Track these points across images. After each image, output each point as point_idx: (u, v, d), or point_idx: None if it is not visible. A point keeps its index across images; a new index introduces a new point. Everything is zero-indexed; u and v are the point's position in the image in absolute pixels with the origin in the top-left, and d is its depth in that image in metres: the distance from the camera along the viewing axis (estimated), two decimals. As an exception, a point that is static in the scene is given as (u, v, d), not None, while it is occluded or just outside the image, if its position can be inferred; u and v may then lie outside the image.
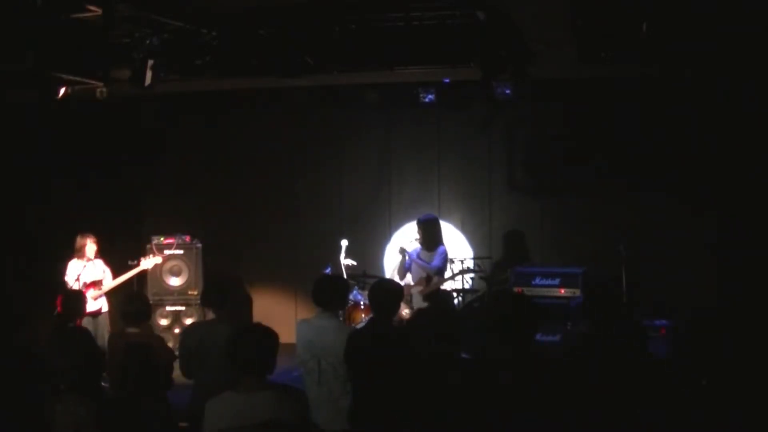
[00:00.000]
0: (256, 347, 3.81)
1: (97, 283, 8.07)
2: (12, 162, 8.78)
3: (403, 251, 7.92)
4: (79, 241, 8.13)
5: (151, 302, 9.18)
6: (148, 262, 8.62)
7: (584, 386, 4.24)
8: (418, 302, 7.76)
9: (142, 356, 4.34)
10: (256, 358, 3.78)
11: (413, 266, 7.93)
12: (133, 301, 5.58)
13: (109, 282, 8.19)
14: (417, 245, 8.05)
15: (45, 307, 8.08)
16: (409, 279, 7.94)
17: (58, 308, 7.84)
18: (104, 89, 7.10)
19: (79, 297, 6.46)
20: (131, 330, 5.38)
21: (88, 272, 8.08)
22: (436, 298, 7.85)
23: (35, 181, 9.01)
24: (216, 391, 3.94)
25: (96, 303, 8.00)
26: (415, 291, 7.87)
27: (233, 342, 3.85)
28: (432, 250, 7.82)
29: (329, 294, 5.14)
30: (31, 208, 8.99)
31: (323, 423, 4.92)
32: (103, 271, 8.18)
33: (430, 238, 7.79)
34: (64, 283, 8.03)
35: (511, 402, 4.10)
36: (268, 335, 3.87)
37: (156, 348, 5.14)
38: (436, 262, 7.82)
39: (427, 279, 7.83)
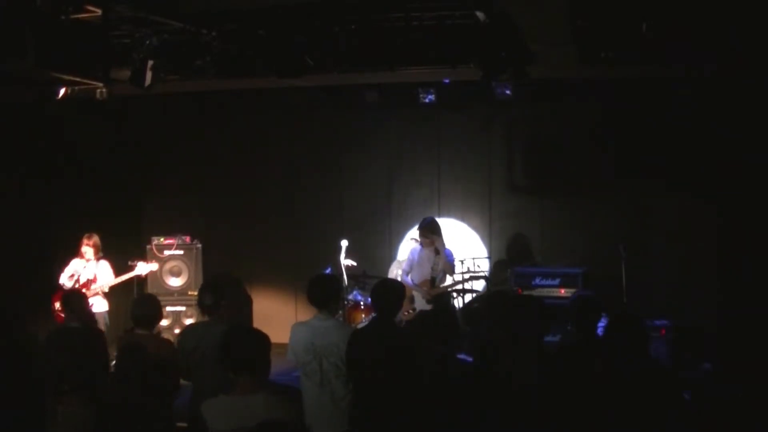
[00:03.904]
0: (247, 347, 3.82)
1: (87, 283, 8.07)
2: (11, 162, 8.77)
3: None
4: (82, 241, 8.17)
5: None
6: (143, 268, 8.61)
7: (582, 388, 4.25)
8: (421, 303, 7.77)
9: (146, 358, 4.34)
10: (246, 357, 3.79)
11: (417, 266, 7.95)
12: (146, 304, 5.58)
13: (104, 282, 8.17)
14: (416, 244, 8.08)
15: (45, 307, 8.11)
16: (408, 279, 7.94)
17: (53, 308, 7.92)
18: (104, 89, 7.09)
19: (77, 297, 6.44)
20: (141, 332, 5.39)
21: (85, 272, 8.10)
22: (442, 300, 7.90)
23: (35, 180, 9.01)
24: (214, 392, 3.94)
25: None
26: (416, 292, 7.86)
27: (224, 343, 3.87)
28: (440, 252, 7.86)
29: (328, 293, 5.13)
30: (31, 208, 8.99)
31: (326, 425, 4.91)
32: (95, 273, 8.17)
33: (440, 240, 7.89)
34: (59, 283, 8.06)
35: (513, 402, 4.10)
36: (259, 336, 3.90)
37: (163, 351, 5.15)
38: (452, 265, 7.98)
39: (432, 281, 7.84)
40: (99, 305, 8.18)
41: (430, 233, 7.81)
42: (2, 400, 4.76)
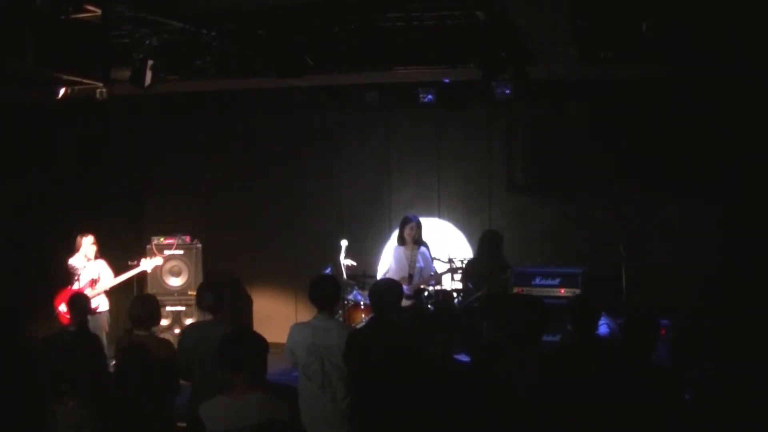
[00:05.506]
0: (245, 347, 3.84)
1: (92, 282, 8.11)
2: (12, 162, 8.78)
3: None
4: (78, 241, 8.19)
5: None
6: (148, 263, 8.66)
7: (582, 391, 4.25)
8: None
9: (145, 358, 4.35)
10: (244, 357, 3.81)
11: (395, 264, 8.04)
12: (145, 304, 5.58)
13: (107, 281, 8.22)
14: (395, 246, 8.21)
15: (45, 307, 8.11)
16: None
17: (57, 309, 7.94)
18: (104, 89, 7.10)
19: (82, 297, 6.45)
20: (140, 332, 5.39)
21: (86, 272, 8.14)
22: (419, 297, 7.99)
23: (35, 180, 9.02)
24: (213, 392, 3.95)
25: (93, 301, 8.03)
26: None
27: (223, 342, 3.89)
28: (416, 249, 8.00)
29: (328, 293, 5.14)
30: (31, 208, 9.00)
31: (326, 426, 4.90)
32: (99, 272, 8.21)
33: (420, 237, 8.02)
34: (71, 282, 8.09)
35: (513, 402, 4.10)
36: (256, 338, 3.94)
37: (163, 351, 5.16)
38: (432, 263, 8.06)
39: (409, 278, 7.92)
40: (103, 305, 8.23)
41: (412, 227, 8.08)
42: (2, 400, 4.76)
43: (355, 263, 8.81)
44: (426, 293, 8.19)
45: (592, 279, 7.99)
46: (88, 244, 8.19)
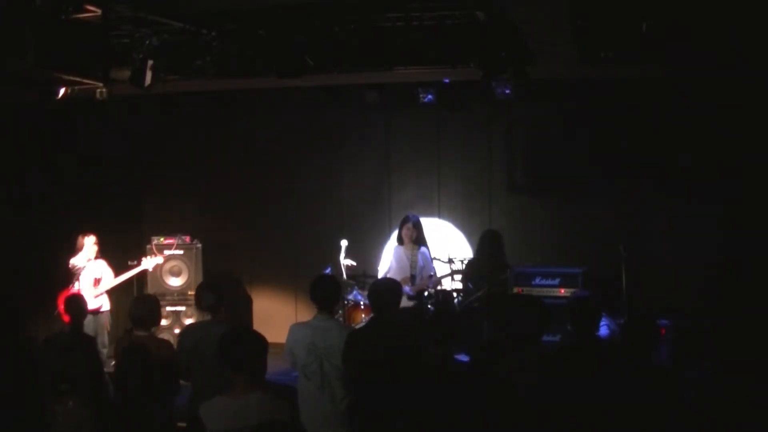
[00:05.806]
0: (245, 346, 3.85)
1: (96, 282, 8.13)
2: (12, 162, 8.78)
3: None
4: (79, 240, 8.21)
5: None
6: (149, 262, 8.69)
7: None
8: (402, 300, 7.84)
9: (145, 358, 4.35)
10: (244, 357, 3.81)
11: (396, 265, 8.04)
12: (145, 304, 5.58)
13: (109, 281, 8.24)
14: (395, 246, 8.21)
15: (45, 307, 8.12)
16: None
17: (60, 309, 7.95)
18: (104, 89, 7.10)
19: (78, 299, 6.47)
20: (140, 333, 5.39)
21: (88, 271, 8.15)
22: (421, 296, 8.00)
23: (35, 180, 9.02)
24: (213, 392, 3.95)
25: (96, 301, 8.08)
26: None
27: (223, 341, 3.89)
28: (416, 249, 8.02)
29: (328, 293, 5.14)
30: (31, 208, 9.00)
31: (325, 426, 4.90)
32: (101, 271, 8.24)
33: (421, 237, 8.01)
34: (71, 282, 8.10)
35: (513, 402, 4.10)
36: (256, 337, 3.94)
37: (163, 351, 5.16)
38: (431, 263, 8.04)
39: (411, 278, 7.93)
40: (105, 304, 8.26)
41: (417, 229, 8.06)
42: (2, 400, 4.76)
43: (355, 263, 8.81)
44: (426, 293, 8.19)
45: (592, 279, 7.98)
46: (90, 243, 8.21)
